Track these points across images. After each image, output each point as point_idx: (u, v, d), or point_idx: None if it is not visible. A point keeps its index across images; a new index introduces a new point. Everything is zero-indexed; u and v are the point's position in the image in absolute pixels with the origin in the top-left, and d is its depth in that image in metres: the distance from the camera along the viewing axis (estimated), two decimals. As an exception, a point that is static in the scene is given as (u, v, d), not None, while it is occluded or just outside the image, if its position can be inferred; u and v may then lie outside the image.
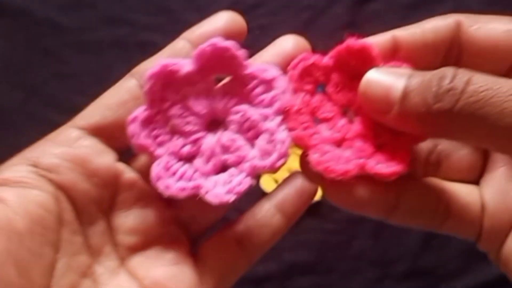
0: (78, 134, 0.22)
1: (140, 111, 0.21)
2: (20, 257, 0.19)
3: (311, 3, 0.53)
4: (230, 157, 0.22)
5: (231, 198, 0.21)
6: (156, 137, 0.22)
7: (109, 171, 0.22)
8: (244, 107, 0.22)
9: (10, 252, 0.19)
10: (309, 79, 0.22)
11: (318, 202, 0.47)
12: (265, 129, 0.21)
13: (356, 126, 0.22)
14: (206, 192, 0.21)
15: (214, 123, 0.23)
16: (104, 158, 0.22)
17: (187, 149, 0.22)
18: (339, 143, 0.22)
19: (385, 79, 0.20)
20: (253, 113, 0.22)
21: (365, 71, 0.21)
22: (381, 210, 0.22)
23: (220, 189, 0.21)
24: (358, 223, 0.48)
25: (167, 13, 0.50)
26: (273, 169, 0.21)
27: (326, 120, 0.22)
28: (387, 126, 0.21)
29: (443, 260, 0.47)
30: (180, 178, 0.21)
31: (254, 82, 0.22)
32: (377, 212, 0.22)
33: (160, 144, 0.22)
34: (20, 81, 0.50)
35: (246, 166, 0.21)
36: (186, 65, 0.22)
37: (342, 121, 0.22)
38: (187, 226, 0.23)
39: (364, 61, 0.21)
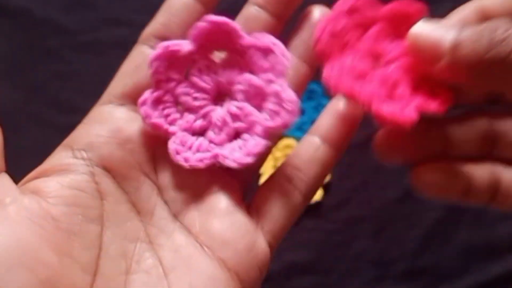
0: (107, 109, 0.23)
1: (149, 93, 0.22)
2: (57, 240, 0.20)
3: (310, 3, 0.53)
4: (241, 124, 0.23)
5: (250, 160, 0.22)
6: (167, 116, 0.23)
7: (141, 134, 0.23)
8: (247, 75, 0.23)
9: (45, 238, 0.20)
10: (358, 17, 0.23)
11: (318, 202, 0.47)
12: (271, 92, 0.22)
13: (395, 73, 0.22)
14: (225, 159, 0.22)
15: (221, 97, 0.23)
16: (134, 123, 0.23)
17: (198, 123, 0.23)
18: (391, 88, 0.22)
19: (435, 31, 0.21)
20: (256, 80, 0.22)
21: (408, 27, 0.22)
22: (455, 193, 0.22)
23: (237, 154, 0.22)
24: (358, 223, 0.48)
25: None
26: (285, 127, 0.22)
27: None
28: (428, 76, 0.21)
29: (442, 260, 0.47)
30: (197, 150, 0.22)
31: (253, 51, 0.22)
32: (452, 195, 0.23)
33: (172, 122, 0.23)
34: (21, 82, 0.51)
35: (258, 129, 0.22)
36: (185, 45, 0.22)
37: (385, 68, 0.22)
38: (235, 172, 0.23)
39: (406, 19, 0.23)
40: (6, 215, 0.20)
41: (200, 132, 0.23)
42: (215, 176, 0.23)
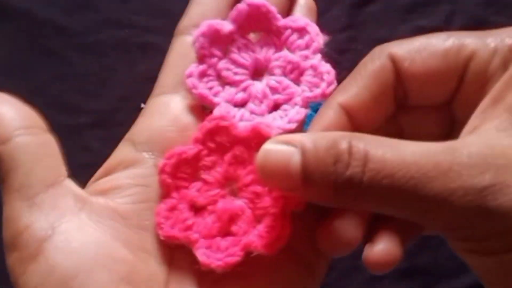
0: (162, 100, 0.24)
1: (194, 67, 0.24)
2: (129, 238, 0.21)
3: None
4: (280, 97, 0.24)
5: (293, 126, 0.23)
6: (210, 88, 0.24)
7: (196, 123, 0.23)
8: (283, 52, 0.24)
9: (117, 237, 0.21)
10: (215, 141, 0.23)
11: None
12: (308, 66, 0.24)
13: (237, 203, 0.22)
14: (267, 126, 0.23)
15: (259, 73, 0.25)
16: (189, 114, 0.23)
17: (240, 96, 0.24)
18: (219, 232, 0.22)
19: (280, 152, 0.18)
20: (293, 56, 0.24)
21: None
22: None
23: (279, 122, 0.23)
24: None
25: (169, 15, 0.50)
26: (324, 97, 0.23)
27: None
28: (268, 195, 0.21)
29: (441, 259, 0.47)
30: (241, 120, 0.23)
31: (288, 31, 0.24)
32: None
33: (216, 94, 0.24)
34: (23, 82, 0.51)
35: (297, 99, 0.23)
36: (226, 24, 0.24)
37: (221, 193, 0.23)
38: None
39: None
40: (80, 222, 0.20)
41: (241, 105, 0.24)
42: None
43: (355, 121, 0.21)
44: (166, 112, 0.23)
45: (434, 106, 0.22)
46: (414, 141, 0.18)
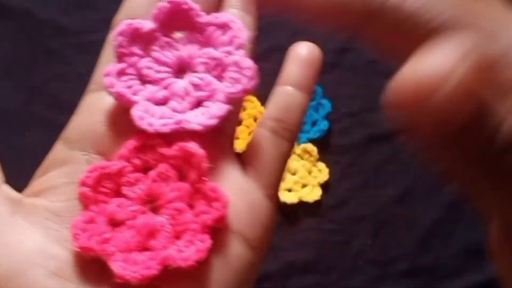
0: (95, 96, 0.24)
1: (112, 65, 0.23)
2: (61, 233, 0.21)
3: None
4: (203, 93, 0.23)
5: (214, 122, 0.22)
6: (130, 87, 0.23)
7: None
8: (207, 49, 0.24)
9: (52, 235, 0.21)
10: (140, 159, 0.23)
11: (317, 201, 0.47)
12: (231, 62, 0.23)
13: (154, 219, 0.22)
14: (189, 123, 0.22)
15: (182, 71, 0.24)
16: (121, 110, 0.23)
17: (161, 94, 0.23)
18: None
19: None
20: (216, 52, 0.24)
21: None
22: None
23: (201, 118, 0.23)
24: (358, 222, 0.48)
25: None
26: (246, 93, 0.23)
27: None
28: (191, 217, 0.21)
29: (442, 259, 0.47)
30: (161, 117, 0.23)
31: (211, 28, 0.24)
32: None
33: (135, 93, 0.23)
34: (23, 82, 0.51)
35: (220, 95, 0.23)
36: (147, 23, 0.24)
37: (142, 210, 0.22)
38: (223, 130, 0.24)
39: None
40: (14, 225, 0.21)
41: (163, 103, 0.24)
42: (207, 139, 0.23)
43: None
44: (98, 109, 0.23)
45: None
46: None
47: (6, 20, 0.52)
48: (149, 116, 0.23)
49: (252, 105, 0.50)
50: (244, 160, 0.24)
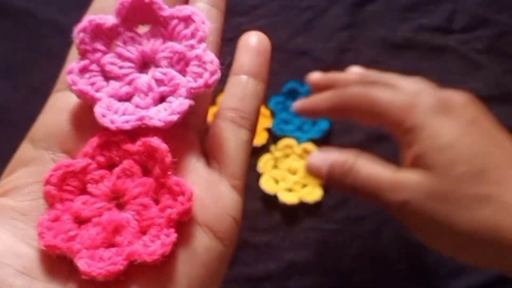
0: (60, 95, 0.24)
1: (75, 63, 0.23)
2: (27, 232, 0.21)
3: (310, 4, 0.53)
4: (166, 88, 0.23)
5: (175, 118, 0.22)
6: (93, 84, 0.23)
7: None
8: (170, 43, 0.24)
9: (18, 234, 0.21)
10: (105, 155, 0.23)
11: (318, 202, 0.47)
12: (193, 56, 0.23)
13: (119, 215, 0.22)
14: (150, 119, 0.22)
15: (146, 66, 0.24)
16: (85, 108, 0.23)
17: (124, 90, 0.23)
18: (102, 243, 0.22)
19: (316, 163, 0.34)
20: (179, 46, 0.24)
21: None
22: None
23: (163, 114, 0.23)
24: (358, 223, 0.48)
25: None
26: (208, 87, 0.23)
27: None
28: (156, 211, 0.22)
29: (443, 259, 0.47)
30: (123, 114, 0.23)
31: (174, 21, 0.24)
32: None
33: (98, 89, 0.23)
34: (22, 82, 0.51)
35: (182, 90, 0.23)
36: (110, 18, 0.24)
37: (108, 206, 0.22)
38: (189, 125, 0.24)
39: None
40: None
41: (126, 99, 0.23)
42: (172, 134, 0.23)
43: None
44: (63, 108, 0.23)
45: None
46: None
47: (6, 19, 0.52)
48: (112, 113, 0.23)
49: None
50: (207, 152, 0.24)
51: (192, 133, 0.24)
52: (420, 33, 0.52)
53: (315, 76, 0.39)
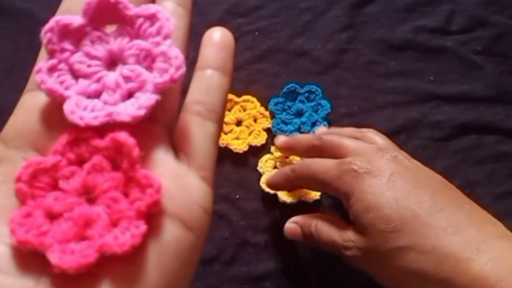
0: (30, 95, 0.24)
1: (44, 62, 0.24)
2: (4, 232, 0.21)
3: (310, 6, 0.53)
4: (133, 85, 0.24)
5: (142, 112, 0.23)
6: (62, 82, 0.24)
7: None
8: (136, 41, 0.24)
9: None
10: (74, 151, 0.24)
11: (317, 201, 0.47)
12: (159, 52, 0.24)
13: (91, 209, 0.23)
14: (118, 115, 0.23)
15: (114, 64, 0.25)
16: (54, 107, 0.24)
17: (93, 87, 0.24)
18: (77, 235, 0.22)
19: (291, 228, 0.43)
20: (145, 44, 0.24)
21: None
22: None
23: (130, 109, 0.23)
24: (357, 222, 0.48)
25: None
26: (174, 82, 0.23)
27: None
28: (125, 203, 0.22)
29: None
30: (92, 110, 0.23)
31: (140, 20, 0.24)
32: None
33: (67, 88, 0.24)
34: (23, 83, 0.51)
35: (149, 86, 0.24)
36: (77, 19, 0.24)
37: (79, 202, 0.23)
38: (157, 119, 0.24)
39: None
40: None
41: (95, 96, 0.24)
42: (140, 128, 0.23)
43: None
44: (33, 107, 0.24)
45: None
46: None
47: (7, 20, 0.52)
48: (80, 110, 0.23)
49: (252, 105, 0.50)
50: (175, 145, 0.24)
51: (160, 127, 0.24)
52: (418, 34, 0.52)
53: (280, 141, 0.45)
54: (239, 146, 0.49)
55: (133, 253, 0.21)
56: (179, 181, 0.23)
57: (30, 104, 0.24)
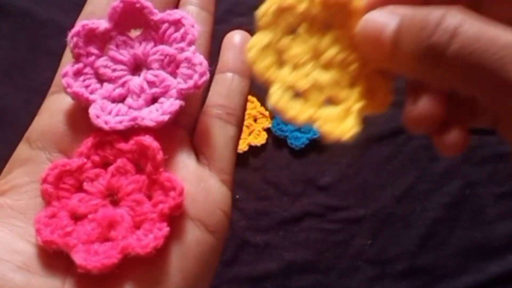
0: (54, 98, 0.25)
1: (70, 66, 0.24)
2: (26, 230, 0.22)
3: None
4: (157, 90, 0.24)
5: (166, 117, 0.23)
6: (87, 86, 0.24)
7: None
8: (161, 47, 0.25)
9: (16, 231, 0.22)
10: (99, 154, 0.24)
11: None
12: (183, 58, 0.24)
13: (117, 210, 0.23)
14: (143, 119, 0.23)
15: (138, 69, 0.25)
16: (79, 109, 0.24)
17: (117, 91, 0.24)
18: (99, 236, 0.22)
19: (380, 17, 0.20)
20: (170, 49, 0.24)
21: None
22: None
23: (154, 114, 0.23)
24: (357, 222, 0.48)
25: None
26: (197, 88, 0.24)
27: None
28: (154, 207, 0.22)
29: (441, 259, 0.47)
30: (117, 115, 0.24)
31: (165, 25, 0.24)
32: None
33: (93, 92, 0.24)
34: (22, 82, 0.51)
35: (173, 92, 0.24)
36: (102, 23, 0.24)
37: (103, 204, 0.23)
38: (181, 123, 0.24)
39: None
40: None
41: (120, 100, 0.24)
42: (163, 132, 0.23)
43: None
44: (58, 110, 0.24)
45: None
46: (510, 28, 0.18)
47: (7, 20, 0.52)
48: (105, 114, 0.23)
49: (252, 105, 0.50)
50: (195, 148, 0.25)
51: (182, 131, 0.24)
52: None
53: None
54: (239, 146, 0.49)
55: (155, 255, 0.21)
56: (201, 185, 0.23)
57: (56, 106, 0.24)
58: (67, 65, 0.24)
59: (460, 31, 0.18)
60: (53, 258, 0.21)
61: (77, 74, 0.24)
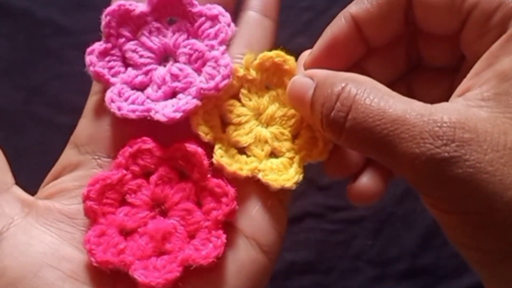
0: (95, 99, 0.24)
1: (98, 45, 0.24)
2: (74, 236, 0.22)
3: (310, 5, 0.53)
4: (179, 84, 0.24)
5: (178, 115, 0.23)
6: (111, 68, 0.24)
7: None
8: (192, 41, 0.24)
9: (64, 237, 0.22)
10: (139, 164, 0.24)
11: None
12: (211, 57, 0.24)
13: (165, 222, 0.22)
14: (156, 113, 0.23)
15: (165, 59, 0.25)
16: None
17: (139, 79, 0.24)
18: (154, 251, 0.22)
19: (303, 82, 0.22)
20: (200, 45, 0.24)
21: None
22: None
23: (168, 110, 0.23)
24: (358, 223, 0.48)
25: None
26: (217, 91, 0.23)
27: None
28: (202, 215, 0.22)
29: (442, 259, 0.47)
30: (132, 103, 0.23)
31: (202, 19, 0.24)
32: None
33: (115, 74, 0.24)
34: (22, 82, 0.51)
35: (192, 90, 0.23)
36: (140, 6, 0.24)
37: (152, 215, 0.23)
38: None
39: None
40: (26, 226, 0.21)
41: (140, 88, 0.24)
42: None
43: (364, 33, 0.22)
44: (102, 113, 0.24)
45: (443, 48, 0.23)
46: (405, 98, 0.20)
47: (6, 19, 0.52)
48: (121, 100, 0.23)
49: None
50: None
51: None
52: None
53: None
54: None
55: (214, 267, 0.21)
56: (259, 203, 0.23)
57: (99, 108, 0.24)
58: (96, 43, 0.24)
59: (353, 108, 0.20)
60: (100, 269, 0.21)
61: (104, 54, 0.24)
